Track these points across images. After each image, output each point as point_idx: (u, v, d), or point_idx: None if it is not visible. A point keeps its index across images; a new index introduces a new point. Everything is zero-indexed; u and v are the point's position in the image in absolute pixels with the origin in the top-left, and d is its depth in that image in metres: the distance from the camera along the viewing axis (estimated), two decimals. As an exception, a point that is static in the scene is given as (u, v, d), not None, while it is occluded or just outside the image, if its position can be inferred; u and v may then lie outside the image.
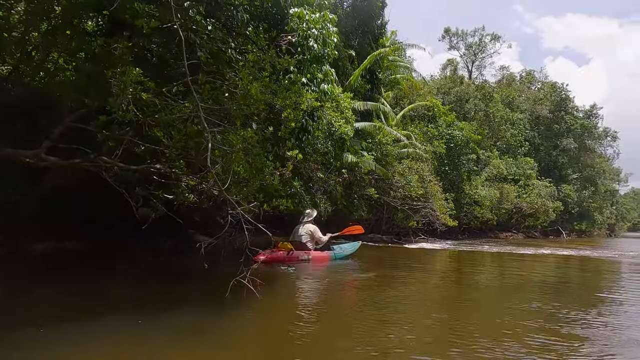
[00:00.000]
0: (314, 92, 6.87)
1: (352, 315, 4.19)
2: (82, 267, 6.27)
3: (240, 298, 4.05)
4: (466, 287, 6.81)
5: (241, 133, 3.95)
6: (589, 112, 40.41)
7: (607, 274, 9.43)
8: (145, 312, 3.70)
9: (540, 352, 3.21)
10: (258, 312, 4.05)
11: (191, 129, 3.95)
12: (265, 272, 5.45)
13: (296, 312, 4.32)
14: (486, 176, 27.03)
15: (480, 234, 24.89)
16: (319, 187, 11.63)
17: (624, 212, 63.52)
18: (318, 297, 5.19)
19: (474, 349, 3.24)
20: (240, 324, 3.66)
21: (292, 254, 7.70)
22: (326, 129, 9.13)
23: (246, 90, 4.12)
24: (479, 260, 11.40)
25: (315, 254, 8.22)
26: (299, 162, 8.12)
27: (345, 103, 10.86)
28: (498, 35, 40.36)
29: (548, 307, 5.01)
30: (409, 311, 4.62)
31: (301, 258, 7.86)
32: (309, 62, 6.63)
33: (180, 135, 4.00)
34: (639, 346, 3.61)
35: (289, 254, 7.65)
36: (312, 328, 3.70)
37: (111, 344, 3.04)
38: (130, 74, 3.69)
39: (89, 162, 5.07)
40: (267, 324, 3.85)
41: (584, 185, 37.77)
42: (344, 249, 9.23)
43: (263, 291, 4.19)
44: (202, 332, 3.36)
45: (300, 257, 7.85)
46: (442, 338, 3.48)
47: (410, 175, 16.17)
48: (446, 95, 28.55)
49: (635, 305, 5.55)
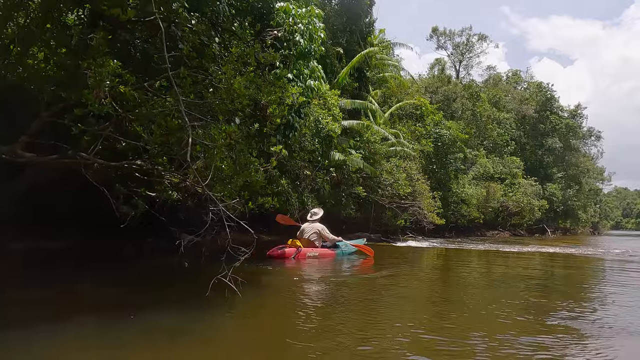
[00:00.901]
0: (299, 87, 6.79)
1: (337, 314, 4.12)
2: (61, 267, 6.10)
3: (222, 297, 3.95)
4: (453, 285, 6.80)
5: (223, 128, 3.84)
6: (574, 112, 41.15)
7: (592, 271, 9.54)
8: (120, 313, 3.58)
9: (532, 346, 3.18)
10: (238, 312, 3.94)
11: (171, 123, 3.83)
12: (248, 270, 5.34)
13: (278, 311, 4.22)
14: (473, 175, 27.30)
15: (467, 232, 25.10)
16: (307, 185, 11.54)
17: (607, 210, 64.85)
18: (302, 296, 5.08)
19: (463, 345, 3.21)
20: (218, 323, 3.54)
21: (301, 251, 8.14)
22: (313, 126, 9.06)
23: (229, 85, 4.02)
24: (466, 258, 11.45)
25: (322, 251, 8.69)
26: (285, 160, 8.05)
27: (332, 100, 10.78)
28: (485, 35, 40.79)
29: (536, 303, 5.03)
30: (397, 310, 4.57)
31: (309, 255, 8.30)
32: (295, 57, 6.53)
33: (160, 130, 3.87)
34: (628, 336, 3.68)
35: (298, 250, 8.10)
36: (294, 327, 3.62)
37: (80, 346, 2.93)
38: (108, 65, 3.56)
39: (67, 158, 4.90)
40: (247, 323, 3.74)
41: (569, 184, 38.44)
42: (350, 246, 9.69)
43: (245, 290, 4.08)
44: (177, 332, 3.25)
45: (309, 254, 8.29)
46: (430, 335, 3.43)
47: (398, 174, 16.19)
48: (434, 95, 28.72)
49: (621, 300, 5.65)
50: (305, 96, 7.10)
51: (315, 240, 8.74)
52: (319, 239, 8.80)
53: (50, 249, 6.84)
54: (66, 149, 4.79)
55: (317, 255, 8.51)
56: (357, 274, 7.40)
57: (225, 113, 4.19)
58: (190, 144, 3.39)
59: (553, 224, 36.70)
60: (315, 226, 8.83)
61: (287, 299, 4.84)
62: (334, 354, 3.00)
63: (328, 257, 8.79)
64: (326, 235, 8.85)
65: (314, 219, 9.02)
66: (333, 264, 8.33)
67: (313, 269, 7.46)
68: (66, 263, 6.41)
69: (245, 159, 4.32)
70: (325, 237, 8.85)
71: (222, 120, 4.03)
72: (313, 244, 8.65)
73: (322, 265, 7.94)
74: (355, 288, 5.75)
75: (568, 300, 5.20)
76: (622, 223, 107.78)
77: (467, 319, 4.14)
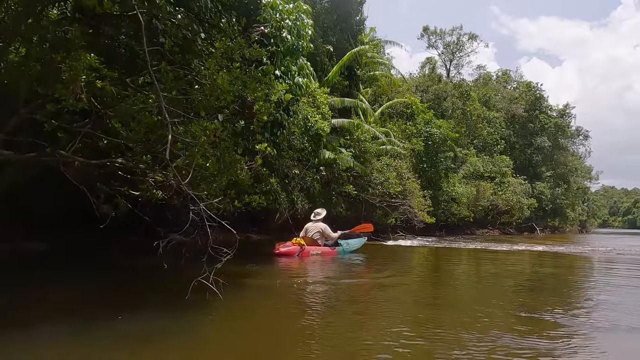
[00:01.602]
0: (286, 85, 6.67)
1: (323, 316, 4.03)
2: (39, 268, 5.93)
3: (203, 300, 3.81)
4: (443, 285, 6.77)
5: (204, 124, 3.72)
6: (562, 111, 41.53)
7: (580, 270, 9.60)
8: (97, 315, 3.46)
9: (522, 346, 3.13)
10: (218, 315, 3.80)
11: (151, 119, 3.70)
12: (234, 271, 5.21)
13: (261, 314, 4.09)
14: (463, 174, 27.43)
15: (457, 231, 25.22)
16: (296, 184, 11.45)
17: (594, 209, 65.65)
18: (286, 297, 4.96)
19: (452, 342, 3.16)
20: (198, 327, 3.41)
21: (304, 249, 8.58)
22: (302, 124, 8.95)
23: (212, 80, 3.91)
24: (456, 257, 11.45)
25: (324, 249, 9.17)
26: (273, 158, 7.94)
27: (321, 98, 10.68)
28: (475, 35, 40.95)
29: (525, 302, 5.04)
30: (385, 311, 4.50)
31: (312, 253, 8.77)
32: (282, 54, 6.42)
33: (140, 127, 3.74)
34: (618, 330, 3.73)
35: (302, 249, 8.54)
36: (276, 330, 3.52)
37: (54, 350, 2.82)
38: (84, 59, 3.42)
39: (45, 156, 4.74)
40: (228, 326, 3.61)
41: (557, 182, 38.82)
42: (351, 245, 10.17)
43: (228, 292, 3.96)
44: (153, 336, 3.13)
45: (312, 252, 8.76)
46: (421, 340, 3.36)
47: (389, 173, 16.17)
48: (424, 93, 28.79)
49: (609, 295, 5.71)
50: (293, 93, 6.98)
51: (318, 239, 9.19)
52: (321, 237, 9.24)
53: (30, 250, 6.66)
54: (44, 146, 4.63)
55: (319, 253, 8.93)
56: (345, 274, 7.29)
57: (209, 110, 4.07)
58: (169, 141, 3.28)
59: (542, 223, 37.05)
60: (318, 225, 9.29)
61: (270, 301, 4.71)
62: (318, 356, 2.92)
63: (330, 255, 9.17)
64: (329, 234, 9.29)
65: (317, 218, 9.47)
66: (324, 265, 8.26)
67: (300, 269, 7.36)
68: (45, 264, 6.24)
69: (230, 157, 4.20)
70: (327, 236, 9.29)
71: (204, 117, 3.91)
72: (316, 242, 9.11)
73: (314, 265, 7.85)
74: (342, 289, 5.64)
75: (556, 299, 5.22)
76: (609, 221, 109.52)
77: (454, 318, 4.08)
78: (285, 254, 8.33)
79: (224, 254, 3.66)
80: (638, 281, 7.52)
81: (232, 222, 12.22)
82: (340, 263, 8.45)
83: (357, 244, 10.61)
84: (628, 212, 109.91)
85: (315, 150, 10.62)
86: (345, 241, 10.06)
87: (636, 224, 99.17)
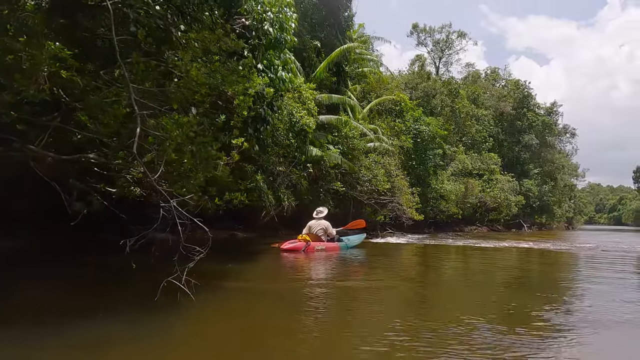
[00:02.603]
0: (266, 79, 6.49)
1: (299, 317, 3.90)
2: (6, 268, 5.68)
3: (173, 301, 3.61)
4: (430, 285, 6.69)
5: (175, 117, 3.55)
6: (550, 109, 41.94)
7: (566, 266, 9.61)
8: (61, 319, 3.28)
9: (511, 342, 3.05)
10: (189, 317, 3.59)
11: (119, 112, 3.52)
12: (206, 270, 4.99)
13: (232, 316, 3.88)
14: (452, 171, 27.50)
15: (446, 228, 25.29)
16: (283, 181, 11.29)
17: (581, 205, 66.47)
18: (262, 297, 4.75)
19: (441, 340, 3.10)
20: (167, 329, 3.24)
21: (310, 245, 9.08)
22: (287, 120, 8.78)
23: (185, 72, 3.74)
24: (444, 255, 11.42)
25: (328, 244, 9.71)
26: (257, 155, 7.77)
27: (307, 94, 10.51)
28: (464, 33, 41.08)
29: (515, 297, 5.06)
30: (366, 312, 4.39)
31: (317, 248, 9.24)
32: (264, 47, 6.24)
33: (108, 119, 3.55)
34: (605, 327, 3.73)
35: (307, 244, 9.05)
36: (249, 333, 3.36)
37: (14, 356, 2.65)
38: (48, 48, 3.23)
39: (13, 151, 4.52)
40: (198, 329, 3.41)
41: (545, 180, 39.21)
42: (352, 240, 10.86)
43: (200, 292, 3.78)
44: (121, 339, 2.97)
45: (317, 248, 9.23)
46: (409, 342, 3.25)
47: (377, 170, 16.08)
48: (414, 91, 28.76)
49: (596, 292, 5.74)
50: (277, 88, 6.81)
51: (322, 236, 9.79)
52: (324, 234, 9.85)
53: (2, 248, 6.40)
54: (12, 141, 4.41)
55: (324, 249, 9.45)
56: (327, 273, 7.12)
57: (184, 103, 3.90)
58: (137, 134, 3.11)
59: (529, 219, 37.42)
60: (321, 223, 9.89)
61: (245, 302, 4.47)
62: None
63: (334, 250, 9.69)
64: (331, 231, 9.95)
65: (319, 216, 10.08)
66: (309, 263, 8.13)
67: (279, 269, 7.20)
68: (13, 263, 6.00)
69: (206, 152, 4.02)
70: (330, 233, 9.94)
71: (178, 111, 3.73)
72: (320, 238, 9.70)
73: (297, 264, 7.72)
74: (323, 289, 5.47)
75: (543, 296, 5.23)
76: (595, 218, 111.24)
77: (442, 317, 3.99)
78: (292, 249, 8.80)
79: (197, 252, 3.49)
80: (619, 278, 7.54)
81: (217, 220, 11.98)
82: (324, 261, 8.33)
83: (357, 240, 11.21)
84: (613, 209, 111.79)
85: (301, 146, 10.44)
86: (346, 237, 10.73)
87: (621, 221, 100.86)
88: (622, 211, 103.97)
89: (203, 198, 4.95)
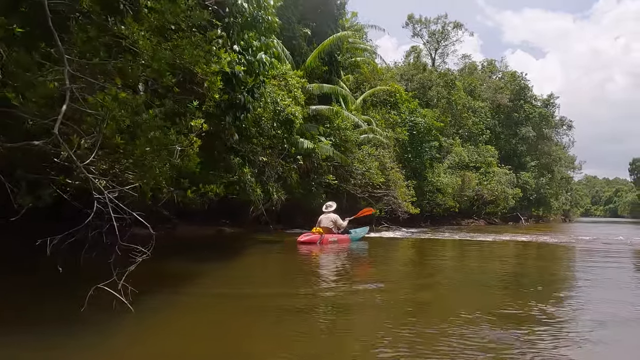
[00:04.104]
0: (247, 61, 5.94)
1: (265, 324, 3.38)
2: None
3: (107, 312, 2.98)
4: (425, 288, 6.20)
5: (113, 92, 2.99)
6: (547, 101, 41.51)
7: (566, 261, 9.19)
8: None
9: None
10: (123, 331, 2.92)
11: (46, 87, 2.97)
12: (148, 274, 3.99)
13: (179, 327, 3.20)
14: (448, 164, 27.03)
15: (442, 221, 24.88)
16: (271, 174, 10.76)
17: (577, 198, 66.37)
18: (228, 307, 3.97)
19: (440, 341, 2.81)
20: (99, 343, 2.66)
21: (324, 237, 9.85)
22: (272, 108, 8.24)
23: (133, 42, 3.22)
24: (440, 250, 10.96)
25: (340, 236, 10.54)
26: (238, 144, 7.24)
27: (293, 81, 9.94)
28: (460, 24, 40.42)
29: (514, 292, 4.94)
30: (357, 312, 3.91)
31: (330, 240, 10.02)
32: (239, 26, 5.68)
33: (35, 95, 3.00)
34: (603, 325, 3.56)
35: (322, 237, 9.81)
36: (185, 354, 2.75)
37: None
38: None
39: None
40: (137, 347, 2.76)
41: (542, 172, 38.89)
42: (358, 233, 11.70)
43: (139, 301, 3.11)
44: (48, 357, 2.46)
45: (330, 239, 10.01)
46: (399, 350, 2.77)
47: (371, 162, 15.57)
48: (409, 82, 28.21)
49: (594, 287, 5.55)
50: (256, 72, 6.25)
51: (332, 228, 10.51)
52: (334, 226, 10.57)
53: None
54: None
55: (336, 240, 10.24)
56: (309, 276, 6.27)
57: (131, 79, 3.36)
58: (62, 111, 2.59)
59: (526, 212, 37.14)
60: (330, 216, 10.65)
61: (191, 315, 3.61)
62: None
63: (345, 242, 10.53)
64: (340, 223, 10.67)
65: (329, 210, 10.88)
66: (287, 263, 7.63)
67: (260, 268, 6.66)
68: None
69: (163, 138, 3.47)
70: (339, 225, 10.65)
71: (123, 88, 3.19)
72: (330, 230, 10.44)
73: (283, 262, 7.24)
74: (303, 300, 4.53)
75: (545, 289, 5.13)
76: (591, 210, 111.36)
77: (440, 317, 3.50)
78: (308, 242, 9.51)
79: (140, 253, 2.96)
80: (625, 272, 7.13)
81: (204, 215, 11.34)
82: (308, 259, 7.84)
83: (362, 232, 12.06)
84: (609, 201, 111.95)
85: (288, 137, 9.90)
86: (353, 230, 11.55)
87: (617, 213, 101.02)
88: (618, 203, 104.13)
89: (169, 190, 4.44)
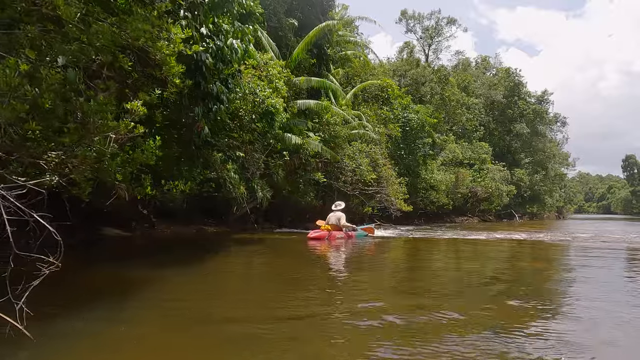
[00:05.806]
0: (217, 46, 5.40)
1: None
2: None
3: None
4: (418, 295, 5.73)
5: (11, 62, 2.43)
6: (540, 97, 41.23)
7: (562, 262, 8.76)
8: None
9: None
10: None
11: None
12: (78, 287, 3.33)
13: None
14: (442, 160, 26.62)
15: (436, 219, 24.48)
16: (255, 170, 10.23)
17: (571, 195, 66.41)
18: (150, 327, 3.19)
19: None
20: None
21: (332, 234, 10.82)
22: (250, 100, 7.70)
23: (53, 8, 2.69)
24: (435, 249, 10.50)
25: (346, 233, 11.35)
26: (212, 137, 6.71)
27: (274, 71, 9.38)
28: (454, 19, 40.00)
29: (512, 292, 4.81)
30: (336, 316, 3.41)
31: (337, 236, 10.95)
32: (207, 7, 5.13)
33: None
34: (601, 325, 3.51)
35: (330, 233, 10.77)
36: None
37: None
38: None
39: None
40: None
41: (536, 169, 38.66)
42: (361, 232, 12.41)
43: (47, 324, 2.47)
44: None
45: (337, 236, 10.97)
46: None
47: (361, 159, 15.07)
48: (402, 78, 27.76)
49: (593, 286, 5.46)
50: (227, 59, 5.68)
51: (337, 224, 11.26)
52: (339, 223, 11.24)
53: None
54: None
55: (342, 237, 11.05)
56: (267, 279, 5.70)
57: (55, 52, 2.83)
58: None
59: (520, 209, 36.86)
60: (336, 214, 11.44)
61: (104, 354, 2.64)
62: None
63: (351, 238, 11.24)
64: (343, 223, 11.32)
65: (337, 209, 11.61)
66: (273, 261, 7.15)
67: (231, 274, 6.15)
68: None
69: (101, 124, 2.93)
70: (342, 225, 11.27)
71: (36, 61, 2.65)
72: (338, 228, 11.22)
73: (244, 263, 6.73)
74: (250, 318, 3.53)
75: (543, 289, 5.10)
76: (584, 207, 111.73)
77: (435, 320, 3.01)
78: (317, 238, 10.35)
79: (46, 264, 2.40)
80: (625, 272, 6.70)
81: (185, 214, 10.72)
82: (271, 264, 7.35)
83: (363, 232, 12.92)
84: (602, 198, 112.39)
85: (269, 130, 9.34)
86: (359, 227, 12.53)
87: (610, 209, 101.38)
88: (611, 200, 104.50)
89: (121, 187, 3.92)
